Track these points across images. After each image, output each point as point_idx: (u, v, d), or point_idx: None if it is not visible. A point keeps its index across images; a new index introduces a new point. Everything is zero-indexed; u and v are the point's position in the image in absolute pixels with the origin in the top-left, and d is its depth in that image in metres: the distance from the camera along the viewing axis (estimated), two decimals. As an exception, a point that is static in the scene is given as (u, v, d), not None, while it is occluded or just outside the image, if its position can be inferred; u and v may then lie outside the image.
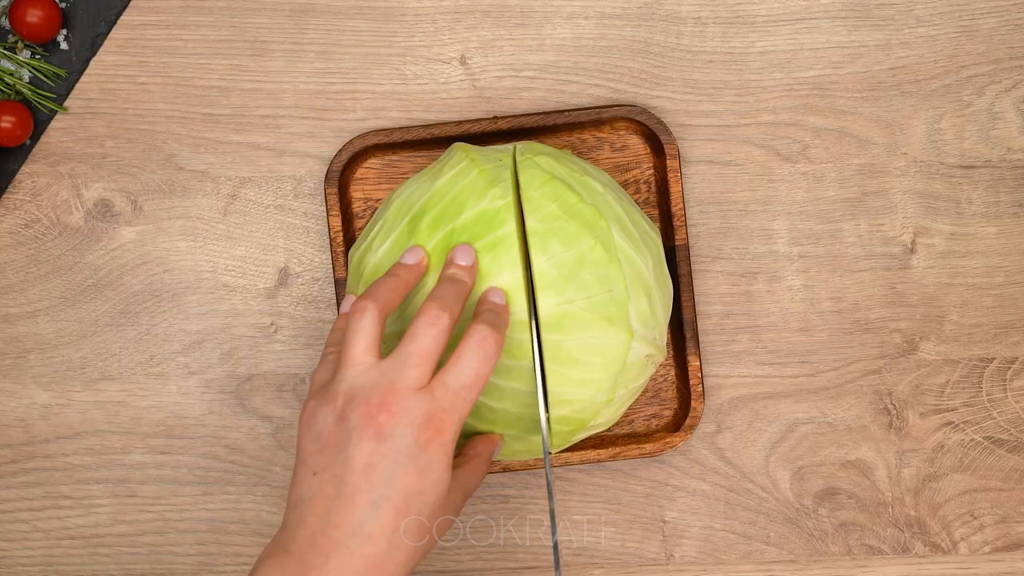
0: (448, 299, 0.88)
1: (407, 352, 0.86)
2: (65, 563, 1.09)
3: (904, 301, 1.08)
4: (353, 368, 0.87)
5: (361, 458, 0.84)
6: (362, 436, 0.84)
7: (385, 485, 0.84)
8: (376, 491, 0.84)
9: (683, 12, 1.08)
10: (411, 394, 0.85)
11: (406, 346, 0.86)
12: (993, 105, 1.08)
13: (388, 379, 0.86)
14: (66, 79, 1.08)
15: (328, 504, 0.84)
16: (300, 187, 1.08)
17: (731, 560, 1.09)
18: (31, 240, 1.08)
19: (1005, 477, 1.09)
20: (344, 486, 0.84)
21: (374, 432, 0.84)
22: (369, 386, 0.86)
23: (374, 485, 0.84)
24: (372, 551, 0.84)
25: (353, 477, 0.84)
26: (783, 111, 1.08)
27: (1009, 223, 1.08)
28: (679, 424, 1.07)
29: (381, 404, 0.85)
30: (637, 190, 1.07)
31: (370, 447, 0.84)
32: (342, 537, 0.83)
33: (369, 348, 0.87)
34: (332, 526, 0.84)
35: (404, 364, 0.86)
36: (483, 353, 0.86)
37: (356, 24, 1.08)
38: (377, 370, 0.86)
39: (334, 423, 0.86)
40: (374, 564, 0.84)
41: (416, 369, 0.86)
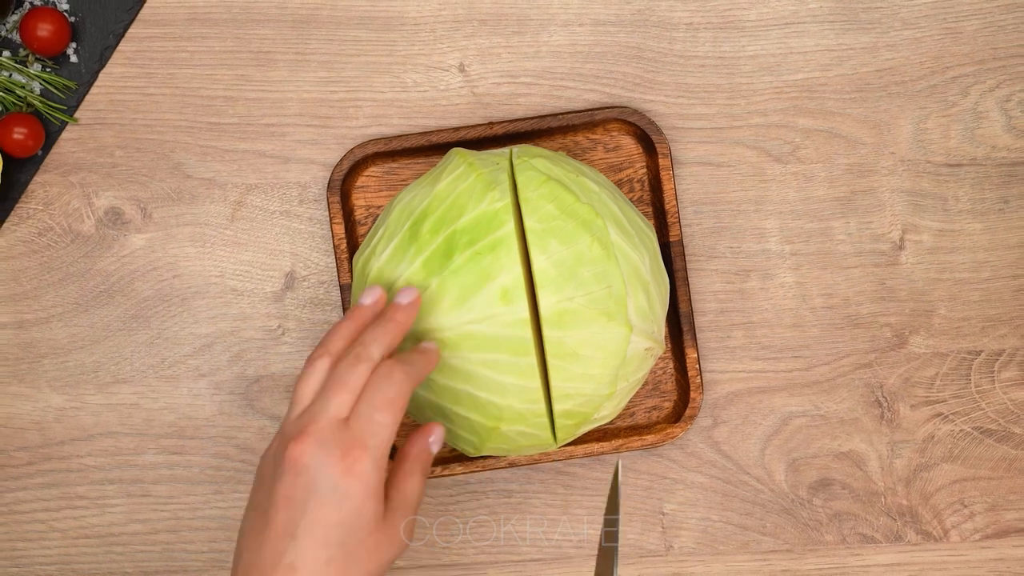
0: (370, 346, 0.88)
1: (328, 389, 0.87)
2: (81, 561, 1.09)
3: (894, 296, 1.09)
4: (294, 412, 0.88)
5: (283, 491, 0.85)
6: (284, 470, 0.85)
7: (302, 516, 0.84)
8: (294, 523, 0.84)
9: (675, 18, 1.09)
10: (328, 426, 0.85)
11: (327, 387, 0.87)
12: (977, 105, 1.09)
13: (312, 415, 0.86)
14: (76, 91, 1.08)
15: (258, 537, 0.85)
16: (305, 193, 1.09)
17: (728, 550, 1.09)
18: (44, 248, 1.09)
19: (994, 466, 1.09)
20: (268, 520, 0.85)
21: (292, 465, 0.85)
22: (298, 424, 0.86)
23: (292, 517, 0.84)
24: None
25: (274, 510, 0.85)
26: (773, 113, 1.09)
27: (994, 219, 1.09)
28: (679, 415, 1.07)
29: (300, 437, 0.85)
30: (631, 189, 1.08)
31: (290, 480, 0.85)
32: (267, 568, 0.84)
33: (314, 394, 0.88)
34: (260, 558, 0.84)
35: (327, 400, 0.86)
36: (390, 381, 0.87)
37: (357, 34, 1.09)
38: (307, 411, 0.87)
39: (270, 461, 0.87)
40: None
41: (335, 403, 0.86)
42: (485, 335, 0.92)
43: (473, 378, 0.93)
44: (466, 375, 0.93)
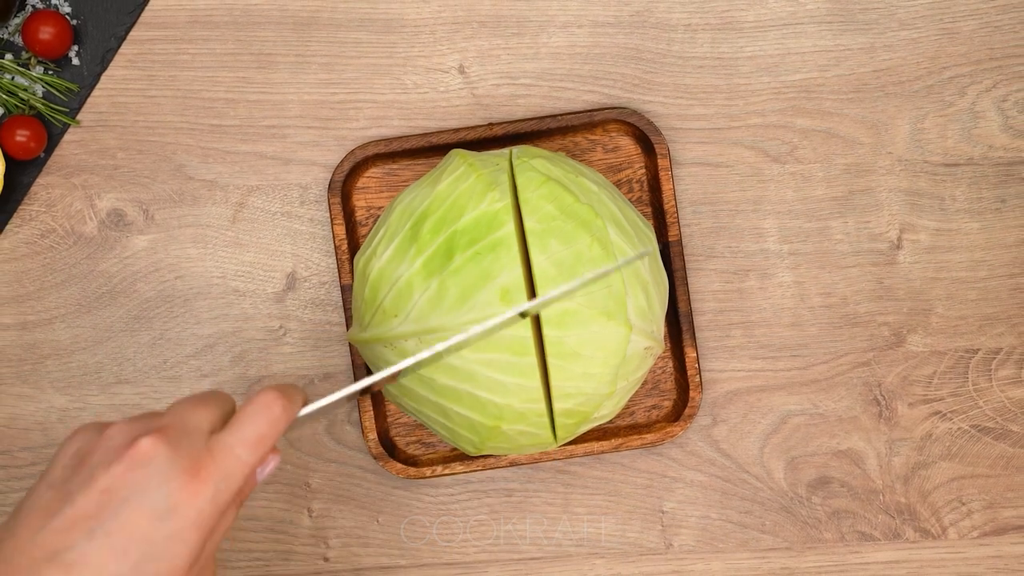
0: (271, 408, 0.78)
1: (199, 400, 0.77)
2: (84, 561, 1.10)
3: (891, 295, 1.09)
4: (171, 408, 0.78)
5: (105, 479, 0.73)
6: (115, 458, 0.73)
7: (112, 515, 0.72)
8: (101, 518, 0.72)
9: (674, 19, 1.09)
10: (188, 435, 0.75)
11: (197, 397, 0.78)
12: (974, 105, 1.09)
13: (175, 417, 0.76)
14: (78, 93, 1.09)
15: (46, 520, 0.72)
16: (306, 194, 1.09)
17: (728, 548, 1.10)
18: (47, 250, 1.09)
19: (992, 464, 1.09)
20: (71, 505, 0.72)
21: (132, 456, 0.73)
22: (153, 421, 0.76)
23: (101, 511, 0.72)
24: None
25: (85, 498, 0.72)
26: (771, 114, 1.09)
27: (991, 218, 1.09)
28: (679, 414, 1.07)
29: (157, 433, 0.74)
30: (630, 189, 1.08)
31: (119, 470, 0.73)
32: (39, 558, 0.71)
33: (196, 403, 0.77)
34: (35, 544, 0.72)
35: (196, 410, 0.76)
36: (268, 415, 0.77)
37: (358, 36, 1.09)
38: (170, 413, 0.77)
39: (99, 440, 0.75)
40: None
41: (203, 416, 0.76)
42: (486, 335, 0.92)
43: (473, 377, 0.93)
44: (466, 374, 0.93)
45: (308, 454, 1.09)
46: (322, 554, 1.09)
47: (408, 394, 0.97)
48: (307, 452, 1.09)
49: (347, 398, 0.82)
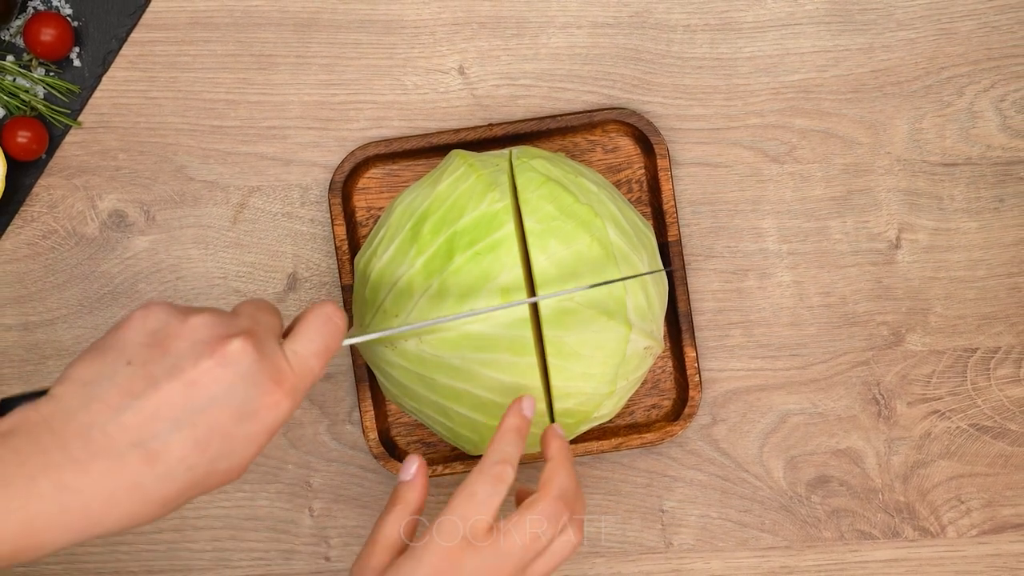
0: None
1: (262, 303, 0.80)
2: (87, 561, 1.09)
3: (890, 295, 1.09)
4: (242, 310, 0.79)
5: (193, 372, 0.73)
6: (204, 353, 0.74)
7: (199, 410, 0.73)
8: (186, 411, 0.73)
9: (673, 20, 1.09)
10: (270, 343, 0.77)
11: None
12: (972, 105, 1.09)
13: (257, 321, 0.77)
14: (79, 95, 1.09)
15: (127, 400, 0.72)
16: (307, 195, 1.09)
17: (728, 547, 1.10)
18: (48, 251, 1.09)
19: (990, 463, 1.09)
20: (156, 391, 0.73)
21: (221, 355, 0.74)
22: (237, 322, 0.77)
23: (187, 404, 0.73)
24: (144, 471, 0.72)
25: (171, 386, 0.73)
26: (770, 114, 1.09)
27: (989, 218, 1.09)
28: (678, 413, 1.07)
29: (244, 334, 0.75)
30: (630, 189, 1.08)
31: (208, 366, 0.74)
32: (123, 441, 0.72)
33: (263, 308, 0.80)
34: (118, 425, 0.72)
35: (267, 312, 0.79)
36: (333, 328, 0.80)
37: (358, 37, 1.09)
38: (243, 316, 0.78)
39: (181, 328, 0.75)
40: (137, 484, 0.72)
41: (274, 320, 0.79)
42: (486, 335, 0.92)
43: (474, 377, 0.93)
44: (467, 374, 0.93)
45: (309, 454, 1.09)
46: (323, 553, 1.10)
47: (409, 394, 0.97)
48: (308, 452, 1.09)
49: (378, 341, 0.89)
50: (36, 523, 0.70)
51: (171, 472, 0.72)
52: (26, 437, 0.71)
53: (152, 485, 0.72)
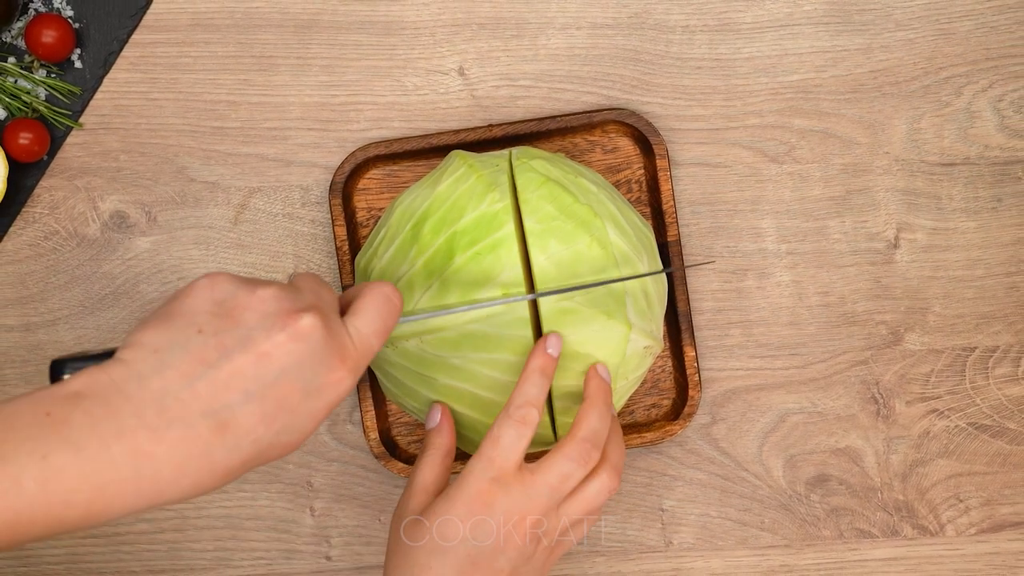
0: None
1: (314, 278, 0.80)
2: (89, 560, 1.09)
3: (889, 294, 1.09)
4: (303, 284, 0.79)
5: (264, 344, 0.73)
6: (276, 325, 0.74)
7: (270, 383, 0.73)
8: (257, 383, 0.72)
9: (672, 21, 1.09)
10: (334, 318, 0.77)
11: None
12: (970, 105, 1.09)
13: (315, 297, 0.78)
14: (81, 96, 1.09)
15: (200, 368, 0.72)
16: (307, 196, 1.10)
17: (727, 546, 1.10)
18: (50, 252, 1.09)
19: (989, 461, 1.09)
20: (228, 360, 0.72)
21: (292, 330, 0.74)
22: (302, 298, 0.77)
23: (259, 376, 0.73)
24: (214, 440, 0.71)
25: (243, 357, 0.73)
26: (769, 114, 1.09)
27: (988, 217, 1.09)
28: (678, 413, 1.07)
29: (313, 309, 0.75)
30: (629, 189, 1.08)
31: (281, 339, 0.73)
32: (196, 409, 0.71)
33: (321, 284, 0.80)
34: (192, 393, 0.71)
35: (323, 288, 0.79)
36: (391, 308, 0.80)
37: (358, 38, 1.09)
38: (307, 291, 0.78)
39: (250, 299, 0.75)
40: (207, 453, 0.71)
41: (333, 295, 0.79)
42: (486, 335, 0.93)
43: (475, 377, 0.93)
44: (468, 374, 0.93)
45: (310, 454, 1.09)
46: (325, 553, 1.10)
47: (409, 394, 0.97)
48: (309, 452, 1.09)
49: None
50: (109, 489, 0.69)
51: (238, 443, 0.72)
52: (97, 400, 0.70)
53: (219, 455, 0.72)
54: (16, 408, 0.69)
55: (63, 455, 0.68)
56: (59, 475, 0.68)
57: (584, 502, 0.90)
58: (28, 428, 0.68)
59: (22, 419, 0.69)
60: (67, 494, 0.68)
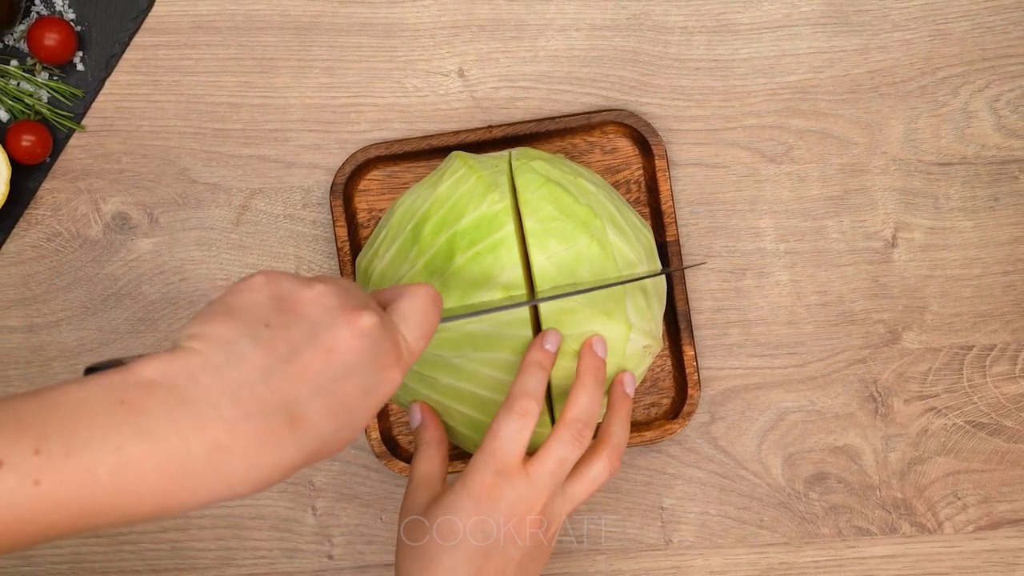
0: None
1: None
2: (92, 560, 1.10)
3: (887, 293, 1.10)
4: (346, 284, 0.77)
5: (329, 339, 0.72)
6: (339, 321, 0.72)
7: (336, 378, 0.71)
8: (324, 378, 0.71)
9: (670, 22, 1.09)
10: (386, 319, 0.76)
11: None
12: (967, 104, 1.09)
13: (366, 298, 0.77)
14: (83, 99, 1.09)
15: (272, 361, 0.70)
16: (308, 197, 1.10)
17: (727, 544, 1.10)
18: (53, 253, 1.10)
19: (986, 459, 1.10)
20: (297, 355, 0.70)
21: (355, 326, 0.73)
22: (362, 297, 0.76)
23: (327, 371, 0.71)
24: (286, 435, 0.69)
25: (310, 351, 0.71)
26: (767, 114, 1.09)
27: (985, 217, 1.10)
28: (677, 412, 1.07)
29: (371, 308, 0.75)
30: (628, 190, 1.08)
31: (344, 335, 0.72)
32: (271, 403, 0.69)
33: (356, 286, 0.79)
34: (267, 386, 0.69)
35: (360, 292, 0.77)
36: (436, 309, 0.80)
37: (359, 40, 1.09)
38: (365, 293, 0.78)
39: (309, 294, 0.74)
40: (278, 448, 0.69)
41: (366, 296, 0.77)
42: (487, 334, 0.93)
43: (475, 376, 0.94)
44: (468, 374, 0.94)
45: (312, 453, 1.10)
46: (327, 552, 1.10)
47: (411, 393, 0.97)
48: (311, 451, 1.10)
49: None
50: (183, 482, 0.66)
51: (304, 438, 0.70)
52: (174, 390, 0.67)
53: (289, 450, 0.69)
54: (87, 394, 0.66)
55: (139, 446, 0.65)
56: (134, 467, 0.65)
57: (587, 483, 0.91)
58: (102, 416, 0.65)
59: (94, 406, 0.65)
60: (140, 486, 0.65)
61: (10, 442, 0.63)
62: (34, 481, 0.63)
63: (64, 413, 0.65)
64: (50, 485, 0.63)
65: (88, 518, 0.65)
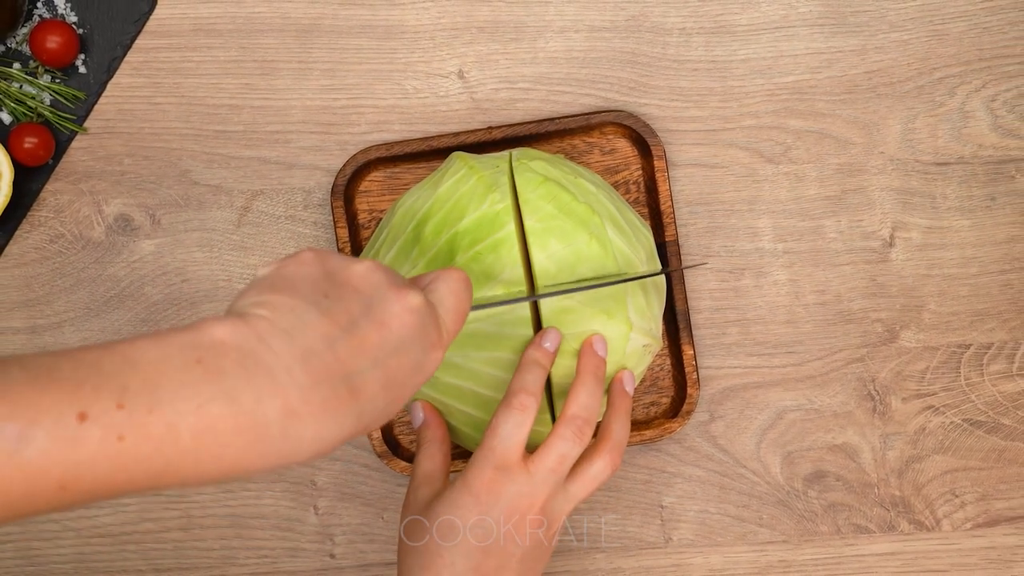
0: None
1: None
2: (95, 560, 1.10)
3: (884, 292, 1.10)
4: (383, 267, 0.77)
5: (383, 313, 0.72)
6: (393, 298, 0.73)
7: (391, 352, 0.72)
8: (382, 351, 0.71)
9: (668, 23, 1.10)
10: (430, 301, 0.77)
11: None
12: (964, 105, 1.09)
13: (407, 279, 0.78)
14: (85, 101, 1.09)
15: (336, 331, 0.69)
16: (309, 198, 1.10)
17: (726, 542, 1.10)
18: (56, 255, 1.10)
19: (984, 457, 1.10)
20: (356, 326, 0.71)
21: (406, 303, 0.73)
22: (398, 275, 0.77)
23: (383, 345, 0.71)
24: (348, 404, 0.69)
25: (369, 325, 0.71)
26: (765, 115, 1.10)
27: (981, 216, 1.10)
28: (676, 411, 1.08)
29: (416, 287, 0.76)
30: (627, 190, 1.08)
31: (396, 311, 0.73)
32: (337, 372, 0.68)
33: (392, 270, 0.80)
34: (333, 355, 0.69)
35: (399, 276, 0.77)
36: (469, 293, 0.80)
37: (359, 42, 1.10)
38: (400, 274, 0.79)
39: (357, 269, 0.74)
40: (338, 417, 0.68)
41: (407, 280, 0.78)
42: (487, 334, 0.93)
43: (476, 375, 0.94)
44: (469, 372, 0.94)
45: (314, 453, 1.10)
46: (328, 551, 1.10)
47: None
48: (313, 451, 1.10)
49: None
50: (257, 446, 0.65)
51: (363, 409, 0.70)
52: (246, 351, 0.66)
53: (348, 420, 0.69)
54: (166, 351, 0.64)
55: (219, 406, 0.64)
56: (214, 427, 0.63)
57: (587, 481, 0.91)
58: (181, 374, 0.64)
59: (173, 363, 0.64)
60: (219, 448, 0.64)
61: (93, 396, 0.61)
62: (118, 436, 0.61)
63: (144, 369, 0.63)
64: (133, 441, 0.62)
65: (165, 477, 0.64)
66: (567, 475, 0.91)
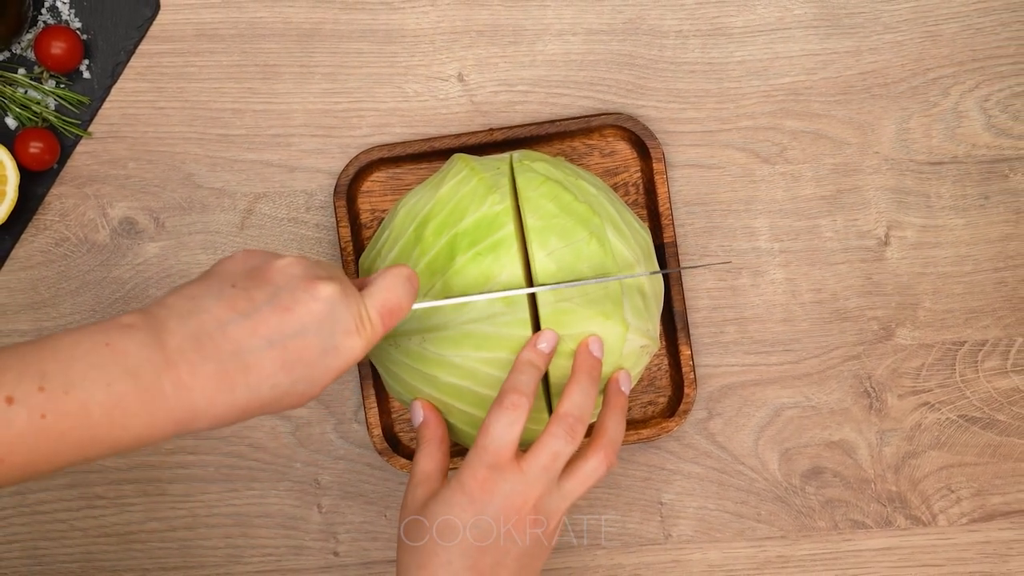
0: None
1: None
2: (102, 559, 1.10)
3: (880, 291, 1.10)
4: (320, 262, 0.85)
5: (288, 301, 0.80)
6: (300, 287, 0.80)
7: (289, 336, 0.79)
8: (279, 334, 0.79)
9: (665, 26, 1.10)
10: (353, 289, 0.83)
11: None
12: (958, 105, 1.09)
13: (338, 271, 0.84)
14: (89, 106, 1.09)
15: (231, 315, 0.78)
16: (311, 200, 1.10)
17: (725, 537, 1.10)
18: (61, 258, 1.10)
19: (979, 452, 1.10)
20: (256, 312, 0.79)
21: (314, 292, 0.80)
22: (326, 268, 0.84)
23: (281, 328, 0.79)
24: (239, 379, 0.78)
25: (268, 310, 0.79)
26: (761, 116, 1.10)
27: (975, 215, 1.10)
28: (673, 410, 1.07)
29: (334, 279, 0.82)
30: (626, 192, 1.08)
31: (303, 298, 0.80)
32: (226, 350, 0.77)
33: (335, 266, 0.86)
34: (224, 334, 0.78)
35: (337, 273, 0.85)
36: (410, 287, 0.86)
37: (360, 47, 1.10)
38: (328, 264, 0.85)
39: (278, 264, 0.82)
40: (231, 390, 0.77)
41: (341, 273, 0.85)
42: (487, 334, 0.93)
43: (476, 375, 0.94)
44: (469, 372, 0.94)
45: (317, 452, 1.10)
46: (332, 549, 1.11)
47: (412, 391, 0.97)
48: (316, 450, 1.10)
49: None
50: (158, 416, 0.76)
51: (258, 385, 0.79)
52: (148, 332, 0.77)
53: (241, 393, 0.78)
54: (79, 337, 0.76)
55: (125, 383, 0.75)
56: (121, 401, 0.74)
57: (582, 478, 0.91)
58: (91, 356, 0.75)
59: (83, 347, 0.75)
60: (126, 419, 0.75)
61: (17, 381, 0.73)
62: (40, 415, 0.73)
63: (60, 355, 0.74)
64: (53, 419, 0.73)
65: (87, 448, 0.75)
66: (561, 473, 0.91)
